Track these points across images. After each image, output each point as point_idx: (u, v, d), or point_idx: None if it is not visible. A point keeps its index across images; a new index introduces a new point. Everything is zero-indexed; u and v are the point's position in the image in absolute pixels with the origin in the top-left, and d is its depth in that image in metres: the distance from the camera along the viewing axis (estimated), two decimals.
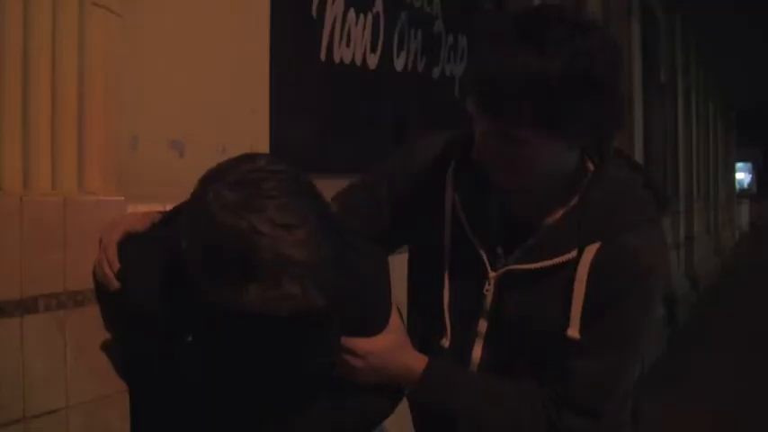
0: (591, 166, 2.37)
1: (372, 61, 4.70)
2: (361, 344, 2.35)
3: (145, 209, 2.45)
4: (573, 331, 2.26)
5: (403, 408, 2.60)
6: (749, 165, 50.47)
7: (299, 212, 1.93)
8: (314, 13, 4.11)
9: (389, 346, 2.39)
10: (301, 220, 1.92)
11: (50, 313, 2.17)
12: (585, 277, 2.25)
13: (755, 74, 22.29)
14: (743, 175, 49.40)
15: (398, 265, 2.59)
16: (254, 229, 1.87)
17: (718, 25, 16.34)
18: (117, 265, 2.21)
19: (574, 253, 2.27)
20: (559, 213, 2.34)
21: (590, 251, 2.25)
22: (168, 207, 2.37)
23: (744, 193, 45.95)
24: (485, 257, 2.38)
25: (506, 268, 2.35)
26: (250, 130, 3.26)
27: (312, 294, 1.97)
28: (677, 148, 15.55)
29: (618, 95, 2.22)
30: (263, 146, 3.31)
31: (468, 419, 2.42)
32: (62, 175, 2.24)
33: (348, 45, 4.42)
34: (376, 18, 4.71)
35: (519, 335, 2.35)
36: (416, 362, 2.41)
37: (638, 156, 10.95)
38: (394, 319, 2.42)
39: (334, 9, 4.27)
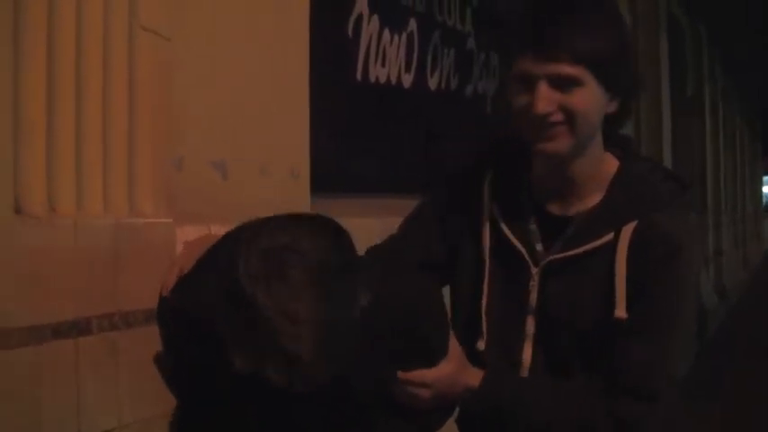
0: (615, 160, 2.48)
1: (407, 80, 4.74)
2: (428, 375, 2.37)
3: (191, 229, 2.49)
4: (620, 311, 2.32)
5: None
6: None
7: (313, 305, 1.94)
8: (350, 32, 4.15)
9: (453, 373, 2.41)
10: (311, 315, 1.94)
11: (103, 334, 2.18)
12: (626, 256, 2.33)
13: None
14: None
15: None
16: (263, 308, 1.90)
17: (744, 37, 16.33)
18: (174, 277, 2.31)
19: (611, 235, 2.35)
20: (592, 204, 2.42)
21: (627, 231, 2.34)
22: (212, 227, 2.41)
23: None
24: (526, 255, 2.45)
25: (548, 259, 2.42)
26: (290, 152, 3.28)
27: (298, 385, 1.99)
28: (705, 162, 15.52)
29: (634, 64, 2.44)
30: (303, 166, 3.33)
31: (526, 424, 2.43)
32: (113, 198, 2.26)
33: (384, 65, 4.46)
34: (410, 37, 4.75)
35: (567, 328, 2.40)
36: (475, 379, 2.44)
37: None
38: (453, 345, 2.44)
39: (370, 29, 4.31)
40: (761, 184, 38.57)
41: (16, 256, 1.96)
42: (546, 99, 2.26)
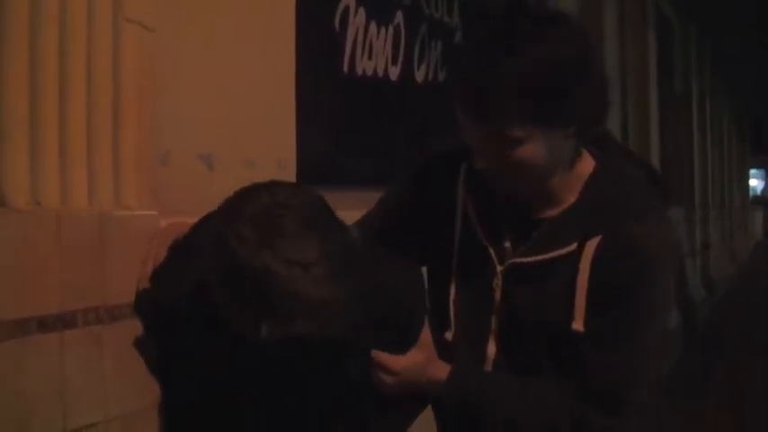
0: (591, 160, 2.41)
1: (394, 73, 4.73)
2: (394, 361, 2.37)
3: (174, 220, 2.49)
4: (578, 324, 2.28)
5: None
6: (762, 171, 50.40)
7: (316, 249, 1.95)
8: (337, 25, 4.14)
9: (420, 363, 2.40)
10: (319, 257, 1.94)
11: (89, 327, 2.18)
12: (588, 270, 2.27)
13: None
14: (756, 182, 49.32)
15: None
16: (269, 269, 1.90)
17: (733, 33, 16.38)
18: (151, 267, 2.32)
19: (574, 246, 2.29)
20: (563, 206, 2.37)
21: (591, 245, 2.28)
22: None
23: (758, 199, 45.91)
24: (492, 253, 2.41)
25: (511, 261, 2.38)
26: (277, 144, 3.29)
27: (329, 330, 1.99)
28: (693, 157, 15.59)
29: (596, 78, 2.27)
30: (289, 159, 3.34)
31: (492, 421, 2.41)
32: (98, 191, 2.26)
33: (370, 57, 4.45)
34: (397, 30, 4.75)
35: (529, 329, 2.36)
36: (441, 372, 2.43)
37: (654, 164, 11.01)
38: (425, 335, 2.43)
39: (356, 22, 4.31)
40: (748, 178, 38.72)
41: (1, 249, 1.96)
42: (485, 157, 2.26)
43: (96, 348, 2.22)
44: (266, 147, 3.18)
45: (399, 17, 4.78)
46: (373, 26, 4.48)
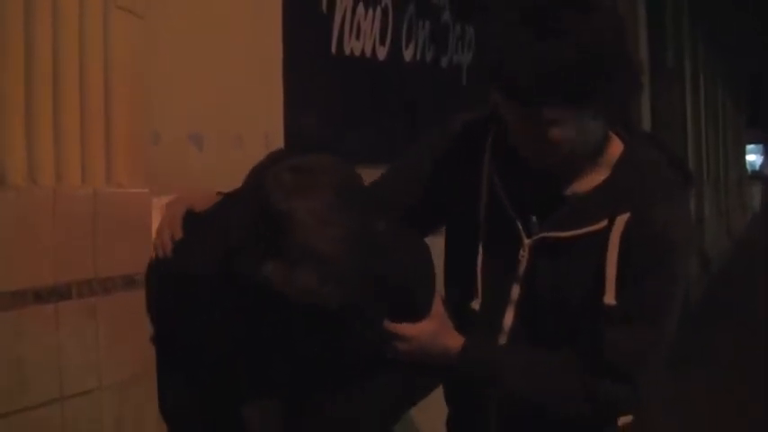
0: (620, 142, 2.51)
1: (382, 53, 4.80)
2: (406, 329, 2.50)
3: (167, 200, 2.60)
4: (609, 298, 2.39)
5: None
6: (761, 147, 50.29)
7: (342, 214, 2.07)
8: (324, 8, 4.22)
9: (432, 332, 2.52)
10: (342, 221, 2.07)
11: (83, 299, 2.30)
12: (617, 244, 2.38)
13: (765, 55, 22.32)
14: (755, 157, 49.23)
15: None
16: (291, 215, 2.02)
17: (727, 5, 16.37)
18: (179, 235, 2.43)
19: (605, 222, 2.40)
20: (592, 185, 2.47)
21: (621, 221, 2.38)
22: None
23: (756, 174, 45.83)
24: (520, 225, 2.49)
25: (541, 235, 2.47)
26: (265, 123, 3.38)
27: (327, 292, 2.11)
28: (686, 132, 15.57)
29: (629, 63, 2.36)
30: (277, 137, 3.42)
31: (506, 390, 2.54)
32: (91, 170, 2.37)
33: (358, 38, 4.52)
34: (385, 10, 4.81)
35: (551, 302, 2.49)
36: (455, 342, 2.54)
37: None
38: (437, 306, 2.56)
39: (344, 3, 4.38)
40: (744, 153, 38.69)
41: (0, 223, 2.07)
42: (519, 135, 2.38)
43: (90, 319, 2.33)
44: (254, 127, 3.27)
45: None
46: (361, 7, 4.55)
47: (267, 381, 2.43)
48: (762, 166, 50.87)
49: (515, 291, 2.53)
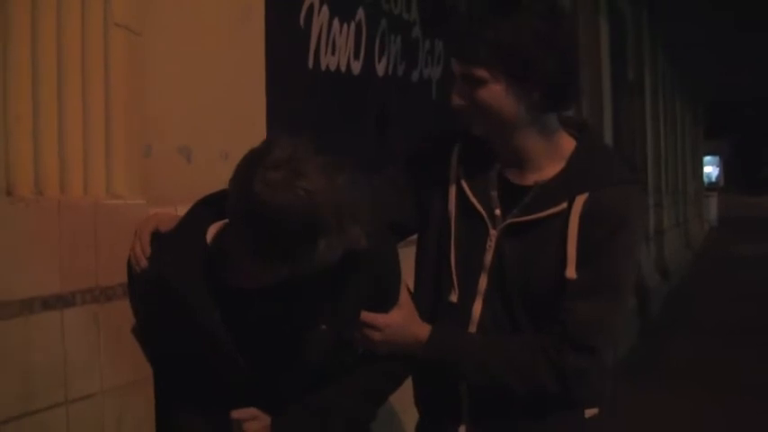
0: (572, 139, 2.76)
1: (356, 67, 4.90)
2: (380, 319, 2.63)
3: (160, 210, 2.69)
4: (570, 272, 2.60)
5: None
6: (717, 158, 50.73)
7: (336, 164, 2.23)
8: (302, 23, 4.32)
9: (403, 320, 2.67)
10: (340, 168, 2.23)
11: (86, 306, 2.39)
12: (577, 222, 2.61)
13: (722, 69, 22.56)
14: (711, 169, 49.64)
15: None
16: (310, 192, 2.15)
17: (685, 20, 16.56)
18: (148, 250, 2.51)
19: (564, 204, 2.63)
20: (550, 175, 2.69)
21: (579, 201, 2.62)
22: (179, 208, 2.62)
23: (712, 186, 46.21)
24: (486, 217, 2.72)
25: (506, 222, 2.69)
26: (249, 136, 3.45)
27: (362, 234, 2.28)
28: (645, 144, 15.76)
29: (562, 52, 2.61)
30: None
31: (473, 374, 2.71)
32: (92, 182, 2.46)
33: (333, 53, 4.62)
34: (359, 26, 4.91)
35: (518, 286, 2.68)
36: (423, 331, 2.70)
37: None
38: (404, 296, 2.70)
39: (320, 18, 4.47)
40: (702, 165, 39.01)
41: (9, 234, 2.16)
42: (458, 95, 2.63)
43: (93, 325, 2.42)
44: (239, 139, 3.35)
45: (361, 14, 4.94)
46: (336, 23, 4.65)
47: (254, 386, 2.52)
48: (717, 177, 51.30)
49: (483, 281, 2.73)
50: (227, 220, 2.38)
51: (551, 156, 2.70)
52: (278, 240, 2.19)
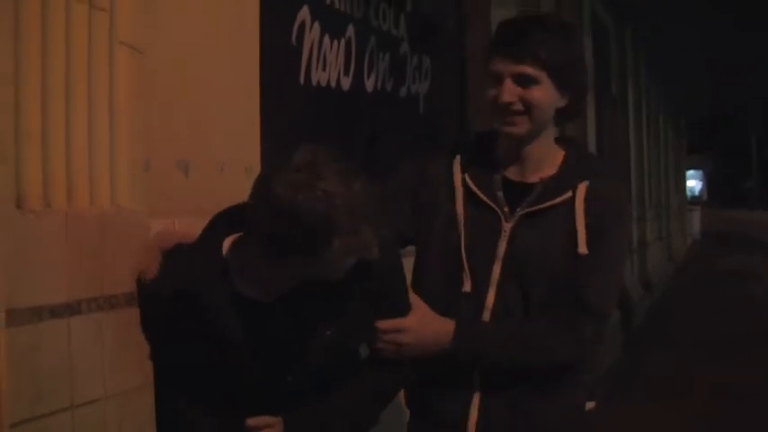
0: (562, 149, 3.11)
1: (346, 83, 5.01)
2: (404, 321, 2.84)
3: (159, 222, 2.78)
4: (582, 248, 2.94)
5: None
6: (700, 172, 50.83)
7: (352, 171, 2.37)
8: (293, 40, 4.41)
9: (423, 318, 2.89)
10: (356, 175, 2.37)
11: (91, 314, 2.47)
12: (583, 206, 2.97)
13: (704, 85, 22.70)
14: (694, 183, 49.73)
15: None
16: (329, 194, 2.28)
17: (668, 38, 16.68)
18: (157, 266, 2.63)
19: (569, 193, 2.98)
20: (550, 173, 3.04)
21: (581, 188, 2.98)
22: (177, 220, 2.72)
23: (695, 200, 46.30)
24: (500, 212, 3.02)
25: (520, 213, 3.01)
26: (244, 151, 3.55)
27: (375, 239, 2.43)
28: (629, 157, 15.85)
29: (585, 70, 3.12)
30: (255, 164, 3.59)
31: (501, 358, 2.97)
32: (98, 194, 2.54)
33: (324, 69, 4.72)
34: (348, 42, 5.01)
35: (532, 271, 2.98)
36: (447, 325, 2.93)
37: None
38: (415, 298, 2.89)
39: (311, 36, 4.57)
40: (685, 179, 39.14)
41: (19, 244, 2.24)
42: (509, 92, 2.91)
43: (97, 334, 2.50)
44: (235, 152, 3.45)
45: (351, 30, 5.05)
46: (327, 39, 4.75)
47: (260, 390, 2.61)
48: (701, 191, 51.39)
49: (496, 270, 3.00)
50: (241, 234, 2.51)
51: (550, 160, 3.05)
52: (295, 236, 2.31)
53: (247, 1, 3.59)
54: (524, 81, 2.90)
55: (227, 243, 2.55)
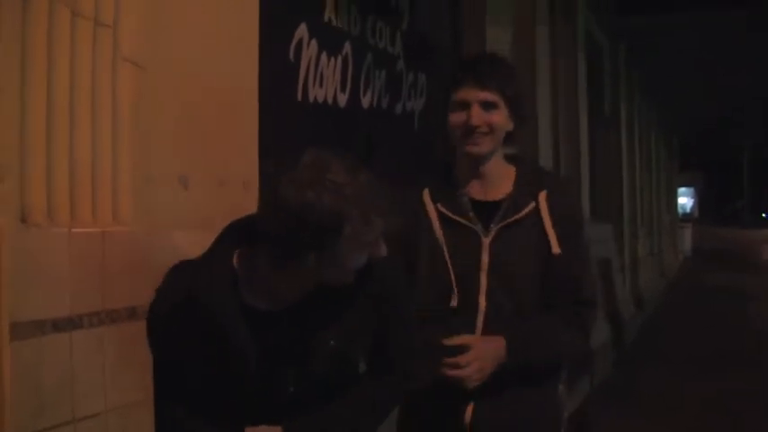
0: (513, 167, 3.41)
1: (342, 99, 5.03)
2: (468, 338, 3.17)
3: (159, 236, 2.80)
4: (555, 249, 3.27)
5: None
6: (692, 190, 50.90)
7: (357, 165, 2.43)
8: (291, 57, 4.44)
9: (480, 338, 3.21)
10: (361, 169, 2.43)
11: (92, 329, 2.50)
12: (547, 211, 3.29)
13: (697, 103, 22.77)
14: (685, 200, 49.77)
15: None
16: (337, 184, 2.33)
17: (662, 57, 16.74)
18: None
19: (533, 203, 3.30)
20: (509, 190, 3.34)
21: (542, 197, 3.31)
22: (176, 233, 2.75)
23: (687, 217, 46.34)
24: (476, 229, 3.29)
25: (497, 227, 3.29)
26: (243, 166, 3.57)
27: (382, 235, 2.49)
28: (621, 176, 15.87)
29: (526, 104, 3.44)
30: (253, 179, 3.60)
31: (541, 361, 3.31)
32: (100, 210, 2.57)
33: (321, 85, 4.75)
34: (345, 59, 5.04)
35: (516, 274, 3.27)
36: (498, 341, 3.20)
37: (584, 183, 11.31)
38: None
39: (309, 52, 4.60)
40: (677, 196, 39.20)
41: (23, 258, 2.27)
42: (477, 116, 3.22)
43: (99, 348, 2.53)
44: (233, 167, 3.47)
45: (347, 48, 5.08)
46: (324, 56, 4.78)
47: (271, 403, 2.64)
48: (692, 208, 51.43)
49: (483, 279, 3.27)
50: (249, 246, 2.52)
51: (505, 176, 3.37)
52: (307, 227, 2.33)
53: (247, 19, 3.61)
54: (487, 106, 3.23)
55: (236, 256, 2.56)
